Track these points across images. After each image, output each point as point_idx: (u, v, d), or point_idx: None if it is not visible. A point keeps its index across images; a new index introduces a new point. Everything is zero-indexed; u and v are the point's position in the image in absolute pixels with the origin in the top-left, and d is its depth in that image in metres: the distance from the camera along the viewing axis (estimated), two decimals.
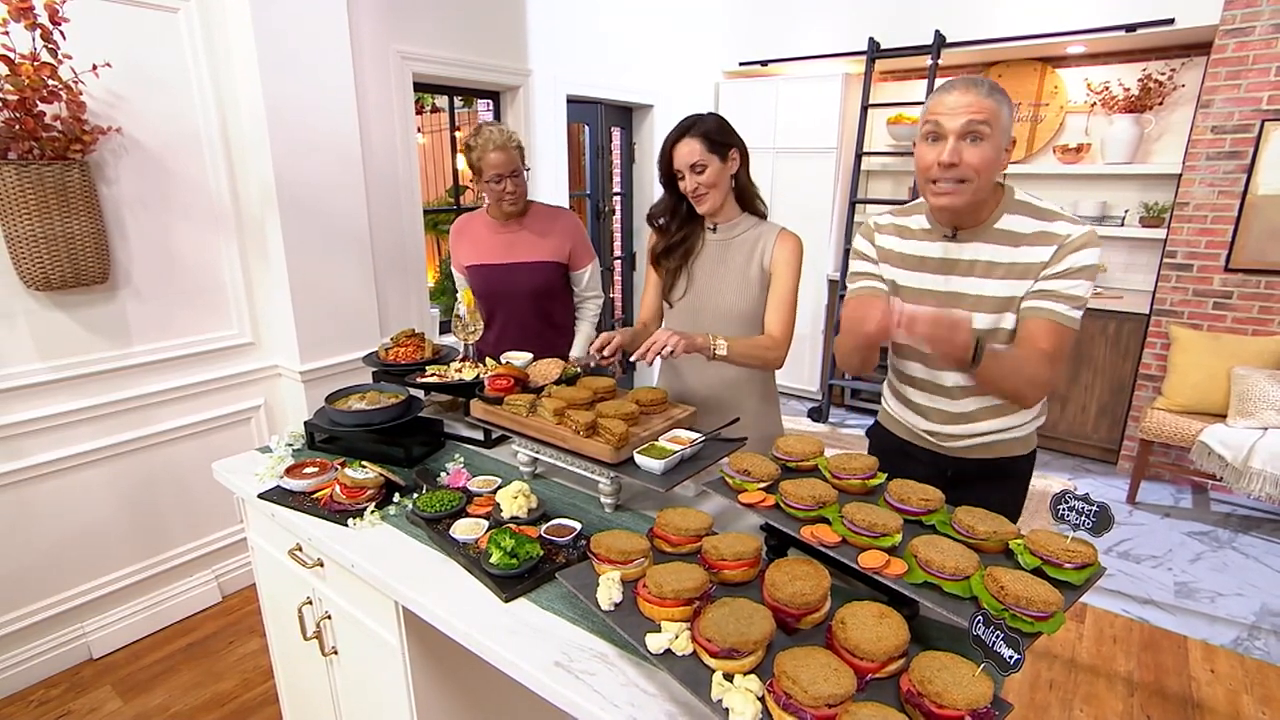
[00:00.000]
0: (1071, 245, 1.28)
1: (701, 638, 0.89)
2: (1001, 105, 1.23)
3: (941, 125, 1.23)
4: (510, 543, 1.15)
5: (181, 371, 2.46)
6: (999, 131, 1.22)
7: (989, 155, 1.22)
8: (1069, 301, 1.28)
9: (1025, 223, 1.31)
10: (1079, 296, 1.29)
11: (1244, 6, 3.25)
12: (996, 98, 1.22)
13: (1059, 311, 1.28)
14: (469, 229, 2.23)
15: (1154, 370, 3.75)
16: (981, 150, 1.22)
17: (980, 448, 1.47)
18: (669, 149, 1.69)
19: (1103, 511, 0.97)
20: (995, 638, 0.80)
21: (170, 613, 2.53)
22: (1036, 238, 1.30)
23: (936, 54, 4.08)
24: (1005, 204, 1.33)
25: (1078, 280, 1.28)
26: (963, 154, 1.22)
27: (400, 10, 2.91)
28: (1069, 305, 1.28)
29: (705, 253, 1.78)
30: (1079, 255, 1.28)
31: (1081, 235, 1.28)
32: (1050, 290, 1.29)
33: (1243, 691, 2.26)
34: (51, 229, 1.98)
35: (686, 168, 1.66)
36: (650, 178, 4.63)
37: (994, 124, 1.21)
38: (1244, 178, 3.38)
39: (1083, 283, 1.29)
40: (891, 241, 1.48)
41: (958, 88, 1.23)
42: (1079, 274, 1.28)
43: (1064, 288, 1.28)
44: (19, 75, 1.84)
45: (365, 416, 1.60)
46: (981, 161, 1.22)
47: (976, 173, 1.23)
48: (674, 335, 1.49)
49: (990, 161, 1.23)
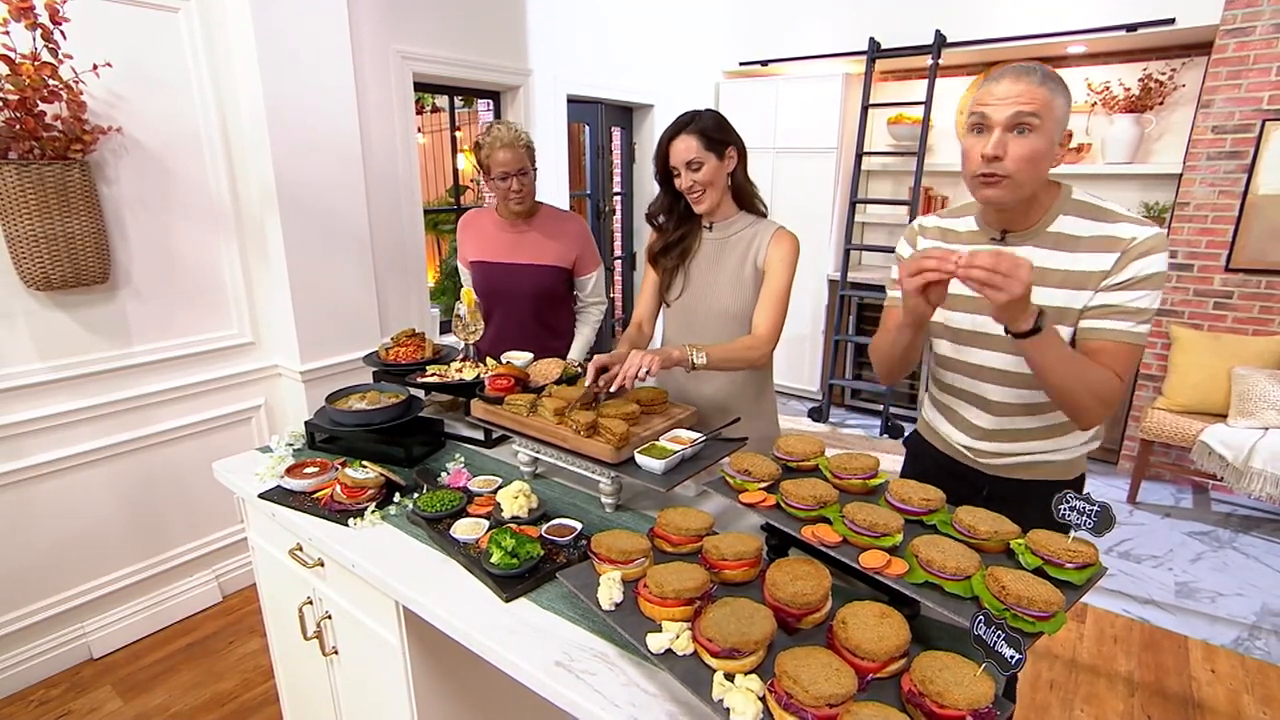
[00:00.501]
0: (1136, 250, 1.16)
1: (702, 637, 0.89)
2: (1055, 94, 1.13)
3: (988, 116, 1.15)
4: (511, 542, 1.15)
5: (182, 371, 2.46)
6: (1051, 123, 1.13)
7: (1039, 148, 1.13)
8: (1135, 317, 1.17)
9: (1083, 225, 1.20)
10: (1146, 309, 1.17)
11: (1244, 6, 3.25)
12: (1050, 86, 1.12)
13: (1125, 330, 1.17)
14: (476, 223, 2.23)
15: (1154, 370, 3.75)
16: (1030, 143, 1.13)
17: (1020, 468, 1.37)
18: (665, 145, 1.67)
19: (1104, 511, 0.96)
20: (996, 638, 0.80)
21: (170, 613, 2.53)
22: (1096, 243, 1.19)
23: (937, 54, 4.08)
24: (1061, 204, 1.23)
25: (1143, 290, 1.16)
26: (1008, 147, 1.13)
27: (400, 10, 2.91)
28: (1135, 321, 1.17)
29: (702, 252, 1.78)
30: (1145, 262, 1.16)
31: (1148, 239, 1.16)
32: (1113, 306, 1.18)
33: (1243, 692, 2.26)
34: (52, 229, 1.98)
35: (682, 165, 1.64)
36: (650, 177, 4.62)
37: (1045, 115, 1.12)
38: (1244, 178, 3.38)
39: (1148, 293, 1.17)
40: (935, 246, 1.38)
41: (1008, 76, 1.14)
42: (1144, 283, 1.16)
43: (1128, 301, 1.17)
44: (20, 75, 1.84)
45: (366, 416, 1.60)
46: (1029, 154, 1.13)
47: (1022, 167, 1.14)
48: (646, 355, 1.47)
49: (1040, 155, 1.13)
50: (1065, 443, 1.34)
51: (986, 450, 1.38)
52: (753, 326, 1.71)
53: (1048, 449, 1.34)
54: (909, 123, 4.53)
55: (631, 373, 1.46)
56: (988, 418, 1.36)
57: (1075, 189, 1.25)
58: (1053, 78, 1.14)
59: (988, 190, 1.18)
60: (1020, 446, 1.35)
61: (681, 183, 1.68)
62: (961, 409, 1.41)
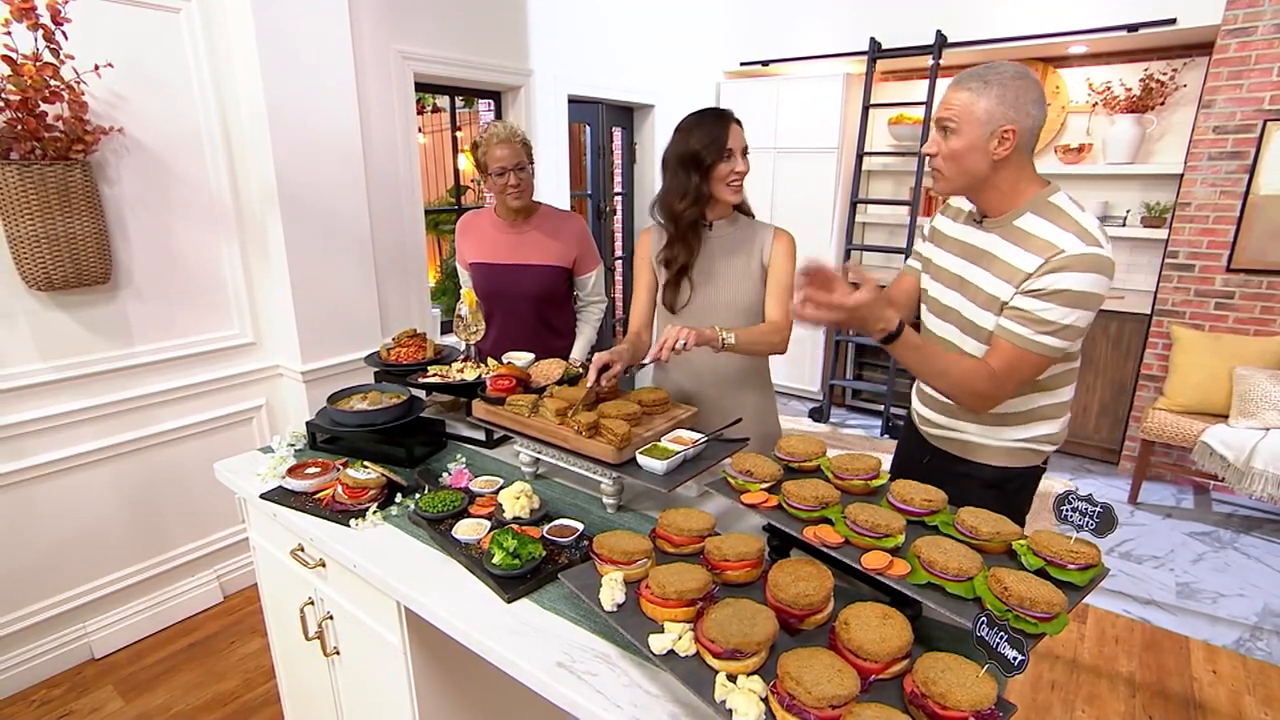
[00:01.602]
0: (1056, 263, 1.21)
1: (704, 638, 0.89)
2: (977, 98, 1.24)
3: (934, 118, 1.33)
4: (512, 543, 1.15)
5: (183, 371, 2.46)
6: (970, 125, 1.25)
7: (955, 147, 1.27)
8: (1037, 325, 1.23)
9: (1040, 226, 1.26)
10: (1051, 322, 1.22)
11: (1246, 6, 3.25)
12: (972, 89, 1.24)
13: (1020, 335, 1.25)
14: (475, 225, 2.23)
15: (1155, 370, 3.75)
16: (950, 143, 1.28)
17: (955, 443, 1.49)
18: (726, 126, 1.64)
19: (1106, 512, 0.96)
20: (999, 639, 0.80)
21: (172, 613, 2.53)
22: (1037, 244, 1.25)
23: (938, 54, 4.08)
24: (1032, 203, 1.29)
25: (1050, 304, 1.22)
26: (939, 144, 1.30)
27: (401, 10, 2.91)
28: (1035, 329, 1.23)
29: (704, 252, 1.78)
30: (1058, 276, 1.21)
31: (1073, 255, 1.20)
32: (1020, 309, 1.25)
33: (1245, 692, 2.25)
34: (53, 229, 1.98)
35: (740, 149, 1.66)
36: (652, 178, 4.62)
37: (962, 119, 1.25)
38: (1246, 178, 3.37)
39: (1056, 307, 1.21)
40: (944, 222, 1.50)
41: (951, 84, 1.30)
42: (1053, 296, 1.21)
43: (1035, 308, 1.23)
44: (21, 75, 1.84)
45: (367, 417, 1.60)
46: (949, 153, 1.28)
47: (945, 163, 1.30)
48: (684, 329, 1.50)
49: (956, 153, 1.27)
50: (990, 431, 1.43)
51: (929, 419, 1.53)
52: (768, 316, 1.75)
53: (971, 429, 1.45)
54: (910, 123, 4.53)
55: (669, 344, 1.48)
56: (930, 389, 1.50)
57: (1061, 193, 1.30)
58: (978, 79, 1.24)
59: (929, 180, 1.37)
60: (952, 422, 1.48)
61: (733, 166, 1.66)
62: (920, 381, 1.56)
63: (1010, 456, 1.44)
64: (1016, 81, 1.23)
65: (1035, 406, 1.39)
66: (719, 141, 1.64)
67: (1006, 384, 1.28)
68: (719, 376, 1.80)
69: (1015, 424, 1.41)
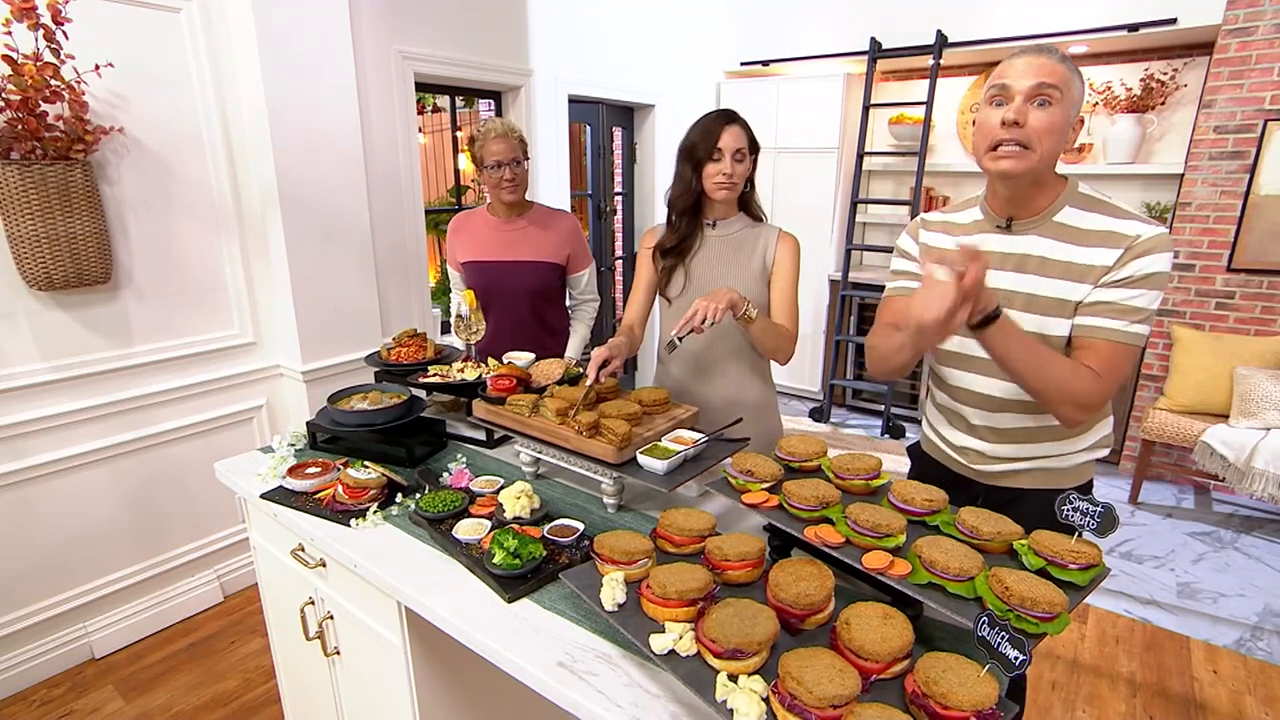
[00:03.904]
0: (1140, 248, 1.14)
1: (705, 638, 0.89)
2: (1073, 75, 1.14)
3: (1009, 87, 1.15)
4: (513, 543, 1.15)
5: (183, 371, 2.46)
6: (1069, 100, 1.13)
7: (1057, 120, 1.13)
8: (1130, 315, 1.16)
9: (1089, 218, 1.19)
10: (1142, 309, 1.15)
11: (1246, 6, 3.25)
12: (1069, 65, 1.14)
13: (1117, 329, 1.16)
14: (468, 225, 2.23)
15: (1156, 370, 3.75)
16: (1049, 115, 1.12)
17: (1019, 474, 1.34)
18: (721, 126, 1.65)
19: (1108, 512, 0.96)
20: (1000, 639, 0.80)
21: (172, 612, 2.53)
22: (1101, 237, 1.17)
23: (938, 54, 4.07)
24: (1067, 196, 1.22)
25: (1140, 290, 1.15)
26: (1028, 116, 1.13)
27: (402, 10, 2.91)
28: (1129, 320, 1.16)
29: (705, 249, 1.78)
30: (1146, 261, 1.14)
31: (1152, 237, 1.14)
32: (1109, 303, 1.16)
33: (1245, 693, 2.25)
34: (54, 229, 1.98)
35: (731, 151, 1.65)
36: (652, 178, 4.63)
37: (1064, 90, 1.12)
38: (1246, 178, 3.37)
39: (1146, 293, 1.15)
40: (937, 239, 1.38)
41: (1028, 52, 1.16)
42: (1143, 282, 1.15)
43: (1126, 299, 1.15)
44: (22, 75, 1.84)
45: (367, 417, 1.60)
46: (1048, 125, 1.13)
47: (1041, 137, 1.13)
48: (711, 302, 1.49)
49: (1057, 127, 1.13)
50: (1066, 446, 1.32)
51: (985, 452, 1.36)
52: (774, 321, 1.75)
53: (1048, 452, 1.32)
54: (910, 123, 4.52)
55: (699, 321, 1.48)
56: (985, 414, 1.34)
57: (1082, 184, 1.25)
58: (1070, 60, 1.16)
59: (1004, 161, 1.16)
60: (1017, 450, 1.33)
61: (720, 168, 1.66)
62: (961, 408, 1.39)
63: (1074, 475, 1.33)
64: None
65: None
66: (710, 141, 1.65)
67: (1111, 386, 1.17)
68: (720, 376, 1.80)
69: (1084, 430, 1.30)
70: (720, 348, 1.78)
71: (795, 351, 1.72)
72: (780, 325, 1.71)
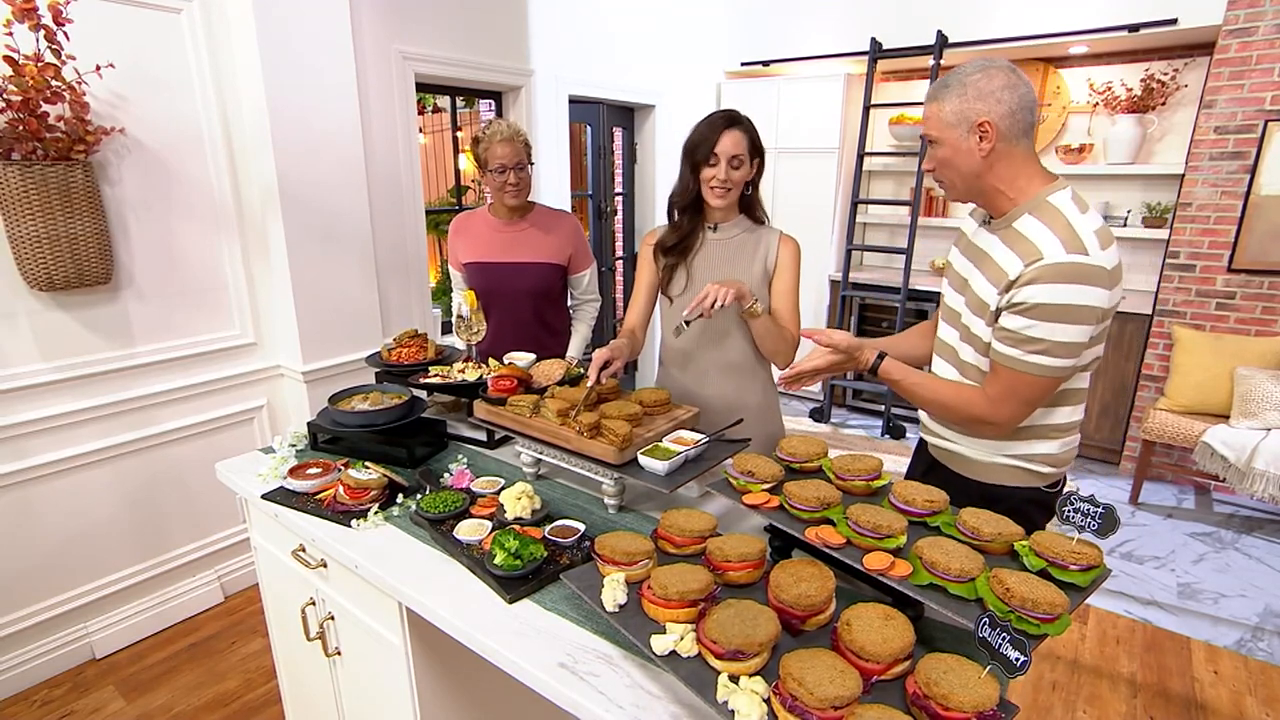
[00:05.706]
0: (1029, 274, 1.15)
1: (706, 639, 0.89)
2: (942, 104, 1.25)
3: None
4: (514, 544, 1.15)
5: (184, 372, 2.46)
6: (945, 132, 1.26)
7: (942, 156, 1.29)
8: (1026, 345, 1.17)
9: (1034, 227, 1.19)
10: (1039, 340, 1.16)
11: (1247, 6, 3.25)
12: (939, 97, 1.25)
13: (1013, 357, 1.20)
14: (469, 225, 2.23)
15: (1156, 371, 3.74)
16: (937, 153, 1.30)
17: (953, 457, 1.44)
18: (717, 132, 1.64)
19: (1108, 513, 0.96)
20: (1001, 640, 0.80)
21: (173, 613, 2.53)
22: (1025, 248, 1.18)
23: (939, 54, 4.07)
24: (1031, 204, 1.23)
25: (1031, 320, 1.16)
26: (931, 158, 1.33)
27: (402, 10, 2.91)
28: (1025, 349, 1.18)
29: (705, 251, 1.78)
30: (1030, 290, 1.15)
31: (1045, 266, 1.13)
32: (1006, 329, 1.20)
33: (1246, 693, 2.25)
34: (55, 229, 1.98)
35: (728, 157, 1.64)
36: (652, 178, 4.63)
37: (936, 128, 1.27)
38: (1247, 178, 3.37)
39: (1038, 323, 1.15)
40: (967, 223, 1.48)
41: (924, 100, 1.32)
42: (1031, 312, 1.15)
43: (1019, 326, 1.18)
44: (23, 76, 1.84)
45: (368, 417, 1.60)
46: (938, 162, 1.31)
47: (938, 171, 1.32)
48: (720, 286, 1.51)
49: (945, 160, 1.28)
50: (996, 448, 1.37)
51: (929, 428, 1.50)
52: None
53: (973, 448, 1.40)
54: (911, 123, 4.52)
55: (709, 304, 1.49)
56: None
57: (1063, 192, 1.22)
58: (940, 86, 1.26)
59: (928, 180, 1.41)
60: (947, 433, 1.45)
61: (715, 173, 1.65)
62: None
63: (1005, 474, 1.37)
64: (977, 75, 1.21)
65: (1030, 424, 1.31)
66: (706, 145, 1.65)
67: (1004, 408, 1.24)
68: (721, 377, 1.80)
69: (1009, 440, 1.34)
70: (722, 350, 1.78)
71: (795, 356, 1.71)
72: (783, 328, 1.72)
